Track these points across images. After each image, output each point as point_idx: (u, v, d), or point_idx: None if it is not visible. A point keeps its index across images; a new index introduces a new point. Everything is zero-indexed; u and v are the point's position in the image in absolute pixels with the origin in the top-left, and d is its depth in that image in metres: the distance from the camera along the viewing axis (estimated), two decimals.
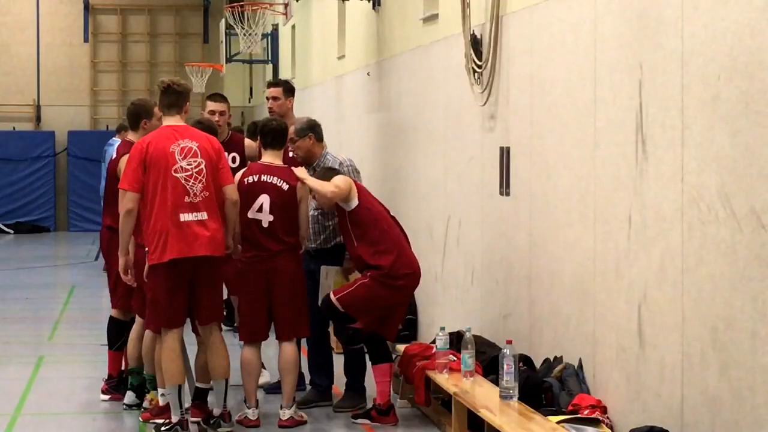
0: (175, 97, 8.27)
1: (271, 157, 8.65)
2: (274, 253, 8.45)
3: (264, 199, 8.47)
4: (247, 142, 10.06)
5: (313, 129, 9.02)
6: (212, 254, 8.06)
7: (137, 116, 9.27)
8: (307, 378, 9.43)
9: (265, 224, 8.47)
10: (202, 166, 8.10)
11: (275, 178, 8.54)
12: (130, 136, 9.34)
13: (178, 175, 8.04)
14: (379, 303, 8.49)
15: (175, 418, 8.09)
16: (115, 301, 9.31)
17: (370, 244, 8.50)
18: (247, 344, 8.56)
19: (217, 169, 8.17)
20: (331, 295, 8.55)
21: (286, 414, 8.52)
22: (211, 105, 9.90)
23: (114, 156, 9.31)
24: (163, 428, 8.09)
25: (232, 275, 8.71)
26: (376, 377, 8.64)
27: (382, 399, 8.63)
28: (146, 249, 8.13)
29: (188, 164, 8.07)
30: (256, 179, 8.51)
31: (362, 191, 8.66)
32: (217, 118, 9.66)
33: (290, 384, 8.54)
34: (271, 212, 8.47)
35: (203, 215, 8.06)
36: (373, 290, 8.45)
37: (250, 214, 8.46)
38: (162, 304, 8.06)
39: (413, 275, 8.66)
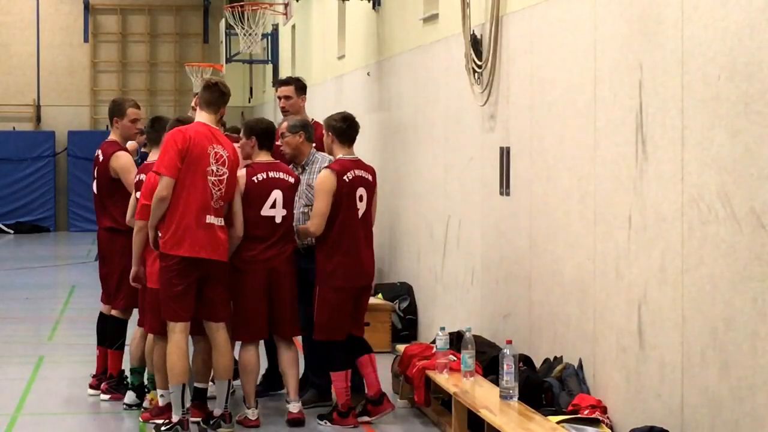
0: (217, 96, 8.34)
1: (266, 156, 8.67)
2: (281, 251, 8.48)
3: (277, 195, 8.52)
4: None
5: (305, 128, 9.02)
6: (225, 260, 8.24)
7: (110, 115, 9.45)
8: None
9: (278, 220, 8.51)
10: (226, 176, 8.22)
11: (281, 173, 8.60)
12: (113, 135, 9.42)
13: (209, 177, 8.14)
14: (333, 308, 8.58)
15: (175, 418, 8.08)
16: (117, 301, 9.31)
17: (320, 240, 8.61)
18: (247, 344, 8.54)
19: (232, 183, 8.29)
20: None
21: (296, 406, 8.53)
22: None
23: (101, 157, 9.33)
24: (163, 428, 8.09)
25: None
26: (361, 371, 8.66)
27: (372, 390, 8.63)
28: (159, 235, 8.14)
29: (218, 170, 8.18)
30: (264, 177, 8.53)
31: (340, 192, 8.53)
32: None
33: (295, 377, 8.56)
34: (284, 206, 8.53)
35: (221, 221, 8.20)
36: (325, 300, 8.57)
37: (263, 212, 8.48)
38: (175, 296, 8.09)
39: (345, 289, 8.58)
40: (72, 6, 29.22)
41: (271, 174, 8.56)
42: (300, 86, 9.77)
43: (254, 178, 8.48)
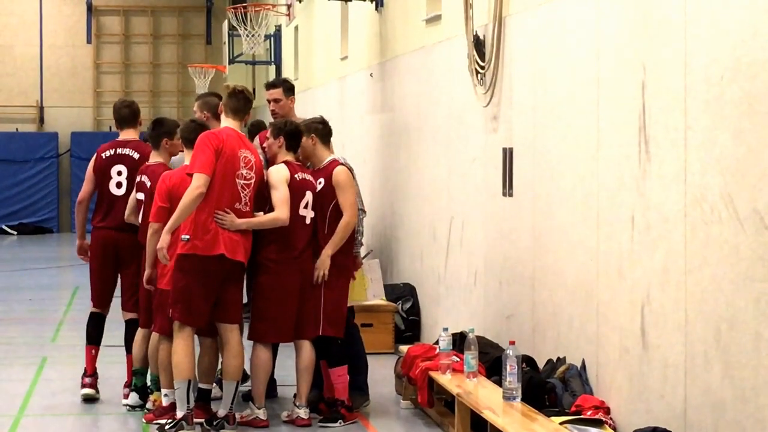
0: (243, 103, 8.48)
1: (291, 158, 8.66)
2: (308, 252, 8.50)
3: (309, 196, 8.56)
4: None
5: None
6: (245, 262, 8.29)
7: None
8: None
9: (308, 221, 8.54)
10: (253, 181, 8.31)
11: (309, 176, 8.65)
12: (132, 134, 9.35)
13: (238, 181, 8.22)
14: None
15: (180, 413, 8.09)
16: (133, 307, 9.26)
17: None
18: (265, 345, 8.51)
19: (256, 189, 8.35)
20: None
21: (306, 412, 8.52)
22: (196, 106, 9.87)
23: (137, 156, 9.25)
24: (167, 427, 8.09)
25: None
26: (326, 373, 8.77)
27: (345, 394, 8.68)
28: (184, 237, 8.11)
29: (247, 174, 8.27)
30: (301, 177, 8.56)
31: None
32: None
33: (309, 383, 8.56)
34: (312, 208, 8.57)
35: None
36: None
37: (300, 212, 8.51)
38: (194, 299, 8.11)
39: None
40: (75, 7, 29.25)
41: (303, 175, 8.59)
42: (288, 87, 9.65)
43: (296, 176, 8.51)
